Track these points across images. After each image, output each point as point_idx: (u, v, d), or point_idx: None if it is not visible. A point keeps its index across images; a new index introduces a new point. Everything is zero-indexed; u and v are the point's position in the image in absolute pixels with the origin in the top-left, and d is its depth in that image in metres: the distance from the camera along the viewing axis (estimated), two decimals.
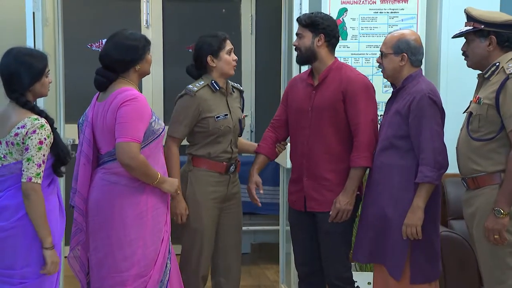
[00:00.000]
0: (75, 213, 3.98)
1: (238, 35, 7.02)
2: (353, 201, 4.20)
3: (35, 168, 3.56)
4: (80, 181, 3.96)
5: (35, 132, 3.57)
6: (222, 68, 4.39)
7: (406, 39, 4.03)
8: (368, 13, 5.22)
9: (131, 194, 3.90)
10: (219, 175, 4.40)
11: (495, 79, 3.79)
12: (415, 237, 3.89)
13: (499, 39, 3.82)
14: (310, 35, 4.26)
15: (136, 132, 3.81)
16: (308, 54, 4.27)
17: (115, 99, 3.87)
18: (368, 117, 4.18)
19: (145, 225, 3.92)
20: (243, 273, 6.30)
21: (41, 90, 3.71)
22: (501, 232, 3.69)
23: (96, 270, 3.98)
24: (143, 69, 3.99)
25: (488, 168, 3.77)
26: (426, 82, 4.02)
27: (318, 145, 4.25)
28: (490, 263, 3.80)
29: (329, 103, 4.22)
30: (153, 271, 3.95)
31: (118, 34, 4.00)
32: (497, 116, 3.73)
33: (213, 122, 4.35)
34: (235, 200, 4.52)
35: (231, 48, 4.40)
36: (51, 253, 3.60)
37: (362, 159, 4.16)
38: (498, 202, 3.69)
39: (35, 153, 3.56)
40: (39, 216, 3.57)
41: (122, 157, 3.81)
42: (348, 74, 4.25)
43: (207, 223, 4.38)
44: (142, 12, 6.90)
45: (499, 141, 3.75)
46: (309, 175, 4.30)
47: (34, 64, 3.67)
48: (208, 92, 4.38)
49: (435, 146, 3.87)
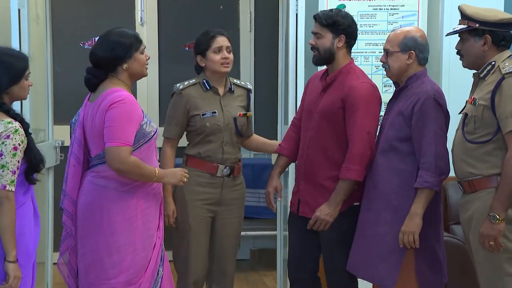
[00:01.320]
0: (64, 217, 3.90)
1: (237, 32, 6.89)
2: (335, 214, 4.04)
3: (9, 175, 3.42)
4: (69, 183, 3.87)
5: (9, 137, 3.43)
6: (211, 67, 4.33)
7: (412, 35, 3.91)
8: (367, 9, 5.10)
9: (120, 198, 3.80)
10: (210, 176, 4.33)
11: (491, 79, 3.69)
12: (412, 245, 3.77)
13: (494, 38, 3.72)
14: (330, 35, 4.11)
15: (125, 135, 3.72)
16: (327, 55, 4.12)
17: (103, 100, 3.77)
18: (364, 129, 4.00)
19: (134, 230, 3.82)
20: (241, 280, 6.27)
21: (19, 93, 3.57)
22: (496, 238, 3.59)
23: (84, 277, 3.89)
24: (132, 69, 3.86)
25: (484, 171, 3.67)
26: (431, 83, 3.90)
27: (317, 150, 4.13)
28: (487, 269, 3.71)
29: (330, 110, 4.09)
30: (143, 278, 3.84)
31: (109, 32, 3.91)
32: (493, 117, 3.63)
33: (199, 119, 4.30)
34: (234, 207, 4.43)
35: (219, 46, 4.31)
36: (14, 266, 3.45)
37: (352, 172, 4.00)
38: (494, 208, 3.59)
39: (10, 159, 3.42)
40: (8, 226, 3.42)
41: (112, 162, 3.73)
42: (352, 82, 4.08)
43: (194, 225, 4.31)
44: (137, 9, 6.78)
45: (495, 143, 3.65)
46: (306, 180, 4.19)
47: (13, 65, 3.53)
48: (199, 90, 4.35)
49: (437, 151, 3.75)
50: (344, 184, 4.02)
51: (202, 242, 4.34)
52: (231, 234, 4.44)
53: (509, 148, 3.59)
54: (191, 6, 6.87)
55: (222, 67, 4.31)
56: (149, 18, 6.80)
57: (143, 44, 3.89)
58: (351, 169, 3.99)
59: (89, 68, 3.89)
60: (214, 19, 6.84)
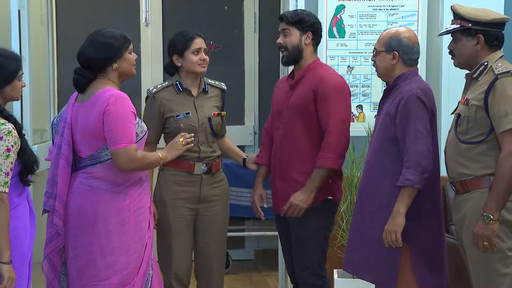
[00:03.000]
0: (54, 218, 3.83)
1: (241, 33, 6.87)
2: (309, 200, 4.10)
3: (3, 177, 3.44)
4: (60, 184, 3.84)
5: (2, 139, 3.44)
6: (188, 68, 4.37)
7: (398, 36, 3.89)
8: (367, 10, 5.11)
9: (113, 199, 3.79)
10: (187, 174, 4.35)
11: (484, 79, 3.68)
12: (395, 244, 3.75)
13: (487, 38, 3.71)
14: (297, 32, 4.21)
15: (128, 134, 3.74)
16: (296, 53, 4.21)
17: (97, 101, 3.76)
18: (338, 118, 4.10)
19: (127, 231, 3.82)
20: (244, 280, 6.26)
21: (12, 93, 3.59)
22: (490, 238, 3.57)
23: (76, 278, 3.86)
24: (122, 69, 3.87)
25: (477, 171, 3.66)
26: (418, 82, 3.87)
27: (289, 146, 4.20)
28: (480, 269, 3.69)
29: (301, 103, 4.16)
30: (136, 279, 3.84)
31: (96, 32, 3.91)
32: (486, 117, 3.62)
33: (173, 121, 4.34)
34: (215, 203, 4.43)
35: (198, 48, 4.36)
36: (8, 268, 3.46)
37: (327, 159, 4.07)
38: (488, 208, 3.58)
39: (3, 161, 3.44)
40: (1, 228, 3.43)
41: (123, 164, 3.75)
42: (321, 73, 4.18)
43: (174, 224, 4.34)
44: (141, 10, 6.76)
45: (489, 144, 3.64)
46: (281, 177, 4.24)
47: (6, 65, 3.54)
48: (172, 93, 4.40)
49: (419, 149, 3.71)
50: (319, 172, 4.08)
51: (184, 240, 4.36)
52: (214, 231, 4.43)
53: (502, 148, 3.57)
54: (195, 7, 6.85)
55: (200, 67, 4.35)
56: (154, 19, 6.78)
57: (131, 44, 3.91)
58: (326, 157, 4.06)
59: (77, 68, 3.88)
60: (219, 19, 6.85)
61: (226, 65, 6.76)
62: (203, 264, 4.46)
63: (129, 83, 6.51)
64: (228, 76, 6.70)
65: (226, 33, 6.84)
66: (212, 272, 4.46)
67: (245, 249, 7.06)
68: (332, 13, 5.04)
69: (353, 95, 5.01)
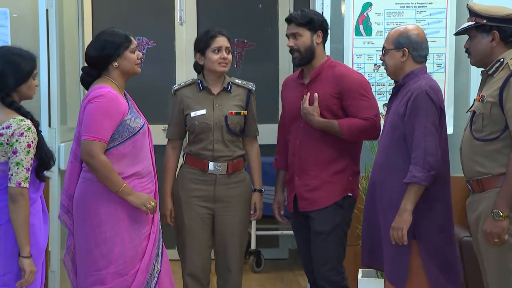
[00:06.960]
0: (60, 211, 4.04)
1: (276, 31, 6.81)
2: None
3: (24, 173, 3.50)
4: (66, 178, 4.00)
5: (23, 135, 3.51)
6: (208, 66, 4.37)
7: (407, 33, 3.87)
8: (394, 7, 5.03)
9: (104, 190, 3.87)
10: (201, 173, 4.37)
11: (499, 75, 3.62)
12: (401, 241, 3.72)
13: (503, 34, 3.65)
14: (308, 33, 4.22)
15: (100, 130, 3.81)
16: (309, 53, 4.23)
17: (87, 97, 3.90)
18: (374, 112, 4.18)
19: (121, 222, 3.89)
20: (275, 279, 6.24)
21: (27, 92, 3.65)
22: (500, 235, 3.52)
23: (79, 268, 3.99)
24: (123, 67, 3.94)
25: (494, 170, 3.60)
26: (427, 79, 3.84)
27: (309, 143, 4.20)
28: (495, 270, 3.64)
29: (322, 101, 4.14)
30: (137, 271, 3.89)
31: (101, 32, 4.02)
32: (501, 114, 3.56)
33: (190, 118, 4.36)
34: (231, 204, 4.41)
35: (219, 46, 4.34)
36: (29, 261, 3.53)
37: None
38: (497, 205, 3.53)
39: (24, 157, 3.50)
40: (22, 223, 3.51)
41: (83, 155, 3.84)
42: (342, 71, 4.22)
43: (187, 221, 4.35)
44: (176, 9, 6.79)
45: (504, 141, 3.58)
46: (300, 174, 4.22)
47: (22, 64, 3.61)
48: (194, 90, 4.42)
49: (426, 146, 3.69)
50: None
51: (198, 238, 4.36)
52: (230, 232, 4.41)
53: None
54: (230, 5, 6.87)
55: (220, 66, 4.33)
56: (188, 17, 6.80)
57: (133, 43, 3.96)
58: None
59: (84, 67, 4.01)
60: (253, 18, 6.85)
61: (261, 63, 6.77)
62: (222, 264, 4.46)
63: (163, 81, 6.64)
64: (263, 74, 6.72)
65: (261, 31, 6.84)
66: (230, 272, 4.45)
67: (280, 248, 7.03)
68: (359, 11, 4.98)
69: (380, 93, 4.98)
